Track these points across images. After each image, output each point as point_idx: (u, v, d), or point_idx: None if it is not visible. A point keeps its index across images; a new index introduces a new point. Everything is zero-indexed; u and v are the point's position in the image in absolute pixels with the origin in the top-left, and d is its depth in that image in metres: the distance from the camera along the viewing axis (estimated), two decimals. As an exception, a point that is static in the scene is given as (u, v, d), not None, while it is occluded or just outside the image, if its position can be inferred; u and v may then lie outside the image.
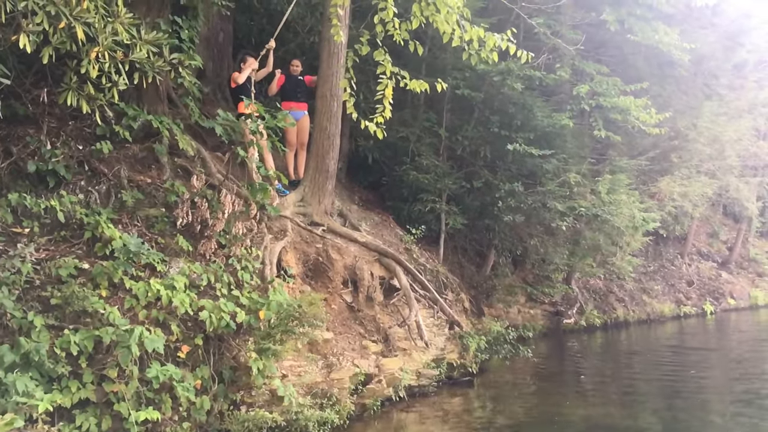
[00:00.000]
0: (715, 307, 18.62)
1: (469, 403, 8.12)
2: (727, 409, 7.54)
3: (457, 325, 9.06)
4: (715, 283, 20.45)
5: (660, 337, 14.31)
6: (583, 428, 6.68)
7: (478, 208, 11.60)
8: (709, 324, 16.90)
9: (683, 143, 14.11)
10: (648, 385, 9.07)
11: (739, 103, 16.64)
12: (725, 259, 22.08)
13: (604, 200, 11.15)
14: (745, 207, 20.27)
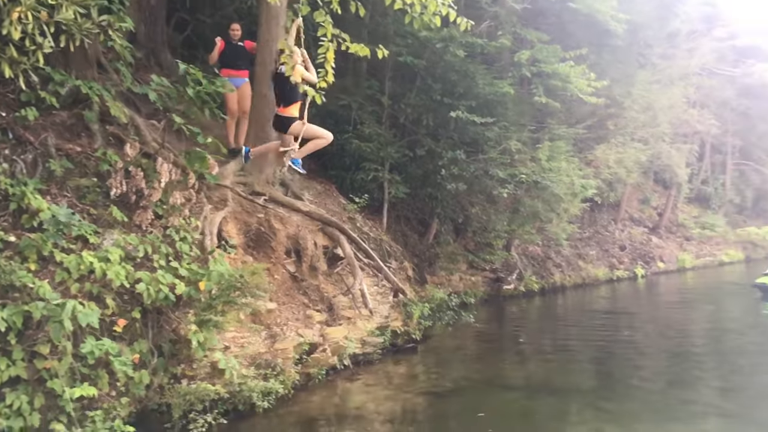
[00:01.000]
0: (646, 270, 19.40)
1: (414, 369, 8.21)
2: (657, 366, 7.88)
3: (401, 293, 9.10)
4: (645, 247, 21.28)
5: (594, 300, 14.82)
6: (523, 389, 6.86)
7: (421, 177, 11.62)
8: (640, 287, 17.60)
9: (619, 111, 14.47)
10: (583, 347, 9.38)
11: (671, 71, 17.17)
12: (655, 224, 22.97)
13: (544, 167, 11.35)
14: (675, 173, 21.11)
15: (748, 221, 27.12)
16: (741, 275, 17.01)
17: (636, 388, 6.80)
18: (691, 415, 5.68)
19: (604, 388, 6.73)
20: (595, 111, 12.72)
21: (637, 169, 17.43)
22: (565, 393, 6.58)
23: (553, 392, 6.64)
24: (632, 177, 17.33)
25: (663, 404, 6.11)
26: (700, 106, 23.10)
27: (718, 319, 11.47)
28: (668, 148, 18.92)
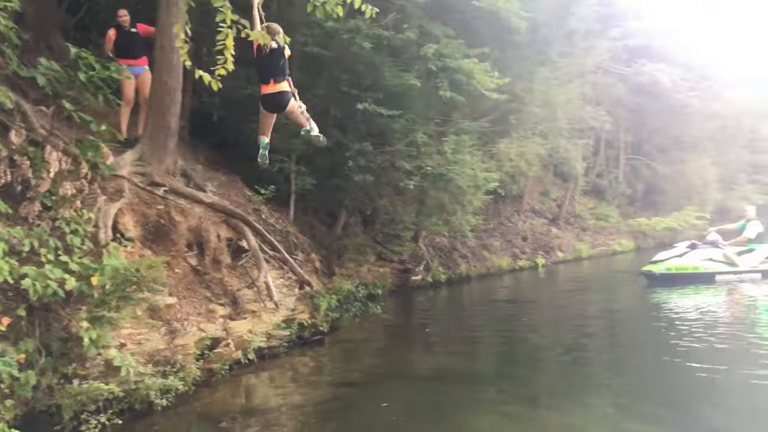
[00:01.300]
0: (546, 260, 20.22)
1: (321, 361, 8.18)
2: (555, 350, 8.24)
3: (307, 285, 9.04)
4: (546, 237, 22.19)
5: (498, 289, 15.30)
6: (430, 378, 6.98)
7: (329, 168, 11.56)
8: (540, 275, 18.34)
9: (520, 106, 14.97)
10: (487, 335, 9.67)
11: (569, 69, 17.94)
12: (555, 215, 24.00)
13: (450, 160, 11.57)
14: (572, 167, 22.13)
15: (638, 212, 28.78)
16: (631, 264, 18.06)
17: (537, 372, 7.07)
18: (590, 394, 5.98)
19: (507, 374, 6.95)
20: (498, 106, 13.10)
21: (538, 162, 18.13)
22: (470, 380, 6.75)
23: (458, 380, 6.79)
24: (533, 170, 18.02)
25: (562, 386, 6.38)
26: (596, 103, 24.28)
27: (609, 306, 12.13)
28: (566, 142, 19.80)
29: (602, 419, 5.15)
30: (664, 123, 28.02)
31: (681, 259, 13.49)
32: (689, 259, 13.42)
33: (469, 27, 12.66)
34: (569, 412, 5.32)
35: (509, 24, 12.45)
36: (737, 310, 10.27)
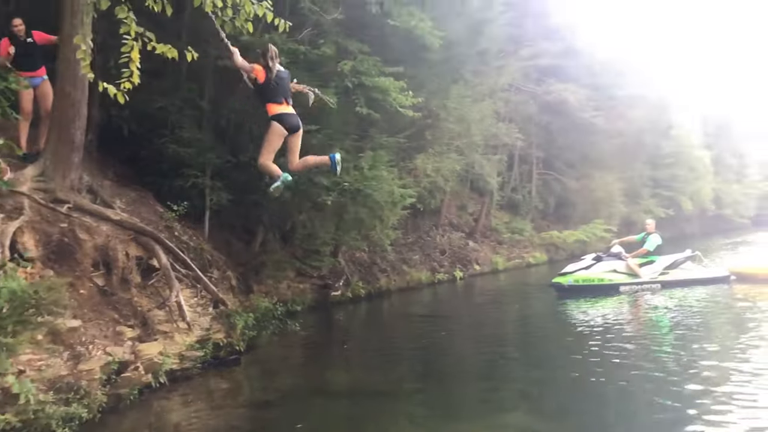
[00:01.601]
0: (464, 273, 20.61)
1: (237, 381, 7.99)
2: (471, 363, 8.39)
3: (222, 304, 8.82)
4: (463, 251, 22.62)
5: (417, 303, 15.46)
6: (348, 394, 6.93)
7: (245, 184, 11.36)
8: (459, 288, 18.67)
9: (436, 122, 15.27)
10: (406, 349, 9.71)
11: (482, 88, 18.50)
12: (472, 229, 24.52)
13: (367, 176, 11.62)
14: (487, 182, 22.74)
15: (551, 226, 29.84)
16: (543, 276, 18.67)
17: (454, 386, 7.15)
18: (505, 406, 6.09)
19: (424, 388, 6.98)
20: (414, 122, 13.30)
21: (454, 177, 18.51)
22: (388, 396, 6.73)
23: (376, 396, 6.75)
24: (450, 185, 18.37)
25: (478, 399, 6.49)
26: (509, 120, 25.12)
27: (522, 318, 12.48)
28: (481, 158, 20.35)
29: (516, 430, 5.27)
30: (573, 140, 29.28)
31: (587, 271, 14.09)
32: (595, 271, 14.04)
33: (386, 44, 12.83)
34: (484, 425, 5.41)
35: (424, 42, 12.69)
36: (639, 319, 10.80)
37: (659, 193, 40.05)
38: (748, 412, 4.90)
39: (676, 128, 42.21)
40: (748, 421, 4.68)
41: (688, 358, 6.93)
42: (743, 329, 8.60)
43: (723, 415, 4.89)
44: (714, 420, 4.78)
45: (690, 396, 5.60)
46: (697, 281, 13.87)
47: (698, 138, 46.50)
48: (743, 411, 4.93)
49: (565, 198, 30.77)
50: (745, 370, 6.25)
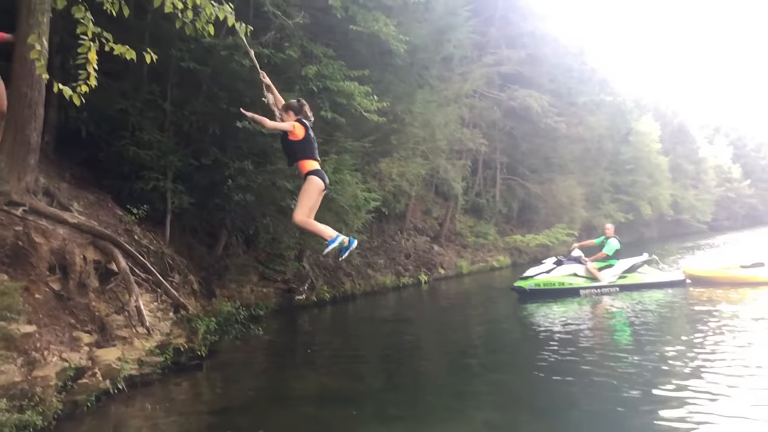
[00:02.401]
0: (429, 276, 20.71)
1: (198, 387, 7.88)
2: (435, 366, 8.43)
3: (183, 308, 8.71)
4: (428, 255, 22.74)
5: (382, 307, 15.46)
6: (311, 399, 6.88)
7: (208, 187, 11.26)
8: (423, 292, 18.74)
9: (401, 127, 15.34)
10: (370, 353, 9.71)
11: (446, 93, 18.67)
12: (437, 233, 24.69)
13: (331, 180, 11.60)
14: (452, 186, 22.93)
15: (514, 230, 30.24)
16: (507, 279, 18.89)
17: (418, 389, 7.16)
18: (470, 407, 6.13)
19: (388, 392, 6.98)
20: (379, 126, 13.35)
21: (419, 182, 18.62)
22: (351, 400, 6.71)
23: (341, 400, 6.73)
24: (415, 189, 18.47)
25: (445, 401, 6.51)
26: (473, 125, 25.40)
27: (485, 321, 12.60)
28: (446, 163, 20.52)
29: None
30: (536, 145, 29.76)
31: (548, 275, 14.30)
32: (556, 275, 14.26)
33: (350, 48, 12.87)
34: (449, 427, 5.45)
35: (389, 47, 12.76)
36: (598, 321, 11.00)
37: (619, 198, 40.95)
38: (703, 408, 5.05)
39: (635, 135, 43.22)
40: (703, 416, 4.82)
41: (646, 359, 7.10)
42: (698, 330, 8.83)
43: (679, 411, 5.03)
44: (670, 416, 4.91)
45: (647, 395, 5.74)
46: (654, 285, 14.20)
47: (656, 144, 47.65)
48: (699, 407, 5.08)
49: (529, 202, 31.21)
50: (701, 369, 6.43)
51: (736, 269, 14.30)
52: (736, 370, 6.25)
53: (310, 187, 6.26)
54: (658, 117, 54.62)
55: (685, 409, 5.11)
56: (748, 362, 6.59)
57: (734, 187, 72.03)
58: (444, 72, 17.37)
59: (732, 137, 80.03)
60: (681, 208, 53.54)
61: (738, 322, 9.22)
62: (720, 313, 10.14)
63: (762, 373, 6.06)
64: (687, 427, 4.69)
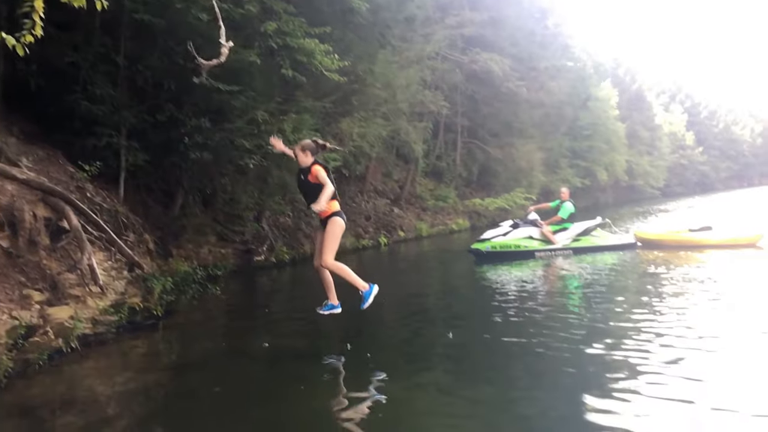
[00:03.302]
0: (389, 239, 20.86)
1: (155, 346, 7.84)
2: (392, 326, 8.53)
3: (138, 267, 8.59)
4: (388, 217, 22.87)
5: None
6: (270, 358, 6.90)
7: (163, 145, 11.01)
8: (383, 254, 18.88)
9: (362, 87, 15.21)
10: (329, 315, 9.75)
11: (408, 54, 18.54)
12: (397, 195, 24.80)
13: (290, 139, 11.48)
14: (413, 149, 22.95)
15: (474, 193, 30.57)
16: (465, 242, 19.14)
17: (377, 349, 7.22)
18: (425, 366, 6.23)
19: (346, 352, 7.02)
20: (340, 86, 13.20)
21: (380, 143, 18.57)
22: (310, 360, 6.76)
23: (298, 359, 6.75)
24: (375, 151, 18.43)
25: (401, 360, 6.59)
26: (435, 87, 25.34)
27: (443, 282, 12.79)
28: (407, 125, 20.48)
29: (430, 391, 5.42)
30: (497, 109, 29.91)
31: (504, 238, 14.54)
32: (512, 238, 14.51)
33: (312, 5, 12.62)
34: (404, 385, 5.54)
35: (351, 5, 12.56)
36: (552, 283, 11.27)
37: (577, 164, 41.68)
38: (651, 368, 5.23)
39: (593, 101, 43.81)
40: (651, 376, 4.99)
41: (597, 319, 7.32)
42: (647, 291, 9.13)
43: (627, 371, 5.21)
44: (618, 376, 5.07)
45: (597, 354, 5.93)
46: (606, 247, 14.58)
47: (614, 111, 48.44)
48: (647, 366, 5.26)
49: (488, 166, 31.50)
50: (648, 328, 6.66)
51: (685, 233, 14.77)
52: (679, 330, 6.49)
53: (336, 229, 6.28)
54: (617, 83, 55.46)
55: (632, 368, 5.30)
56: (691, 322, 6.85)
57: (687, 154, 74.04)
58: (406, 32, 17.22)
59: (687, 105, 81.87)
60: (636, 174, 54.83)
61: (684, 283, 9.56)
62: (667, 275, 10.49)
63: (704, 331, 6.32)
64: (631, 385, 4.87)
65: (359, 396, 5.15)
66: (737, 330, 6.30)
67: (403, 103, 18.65)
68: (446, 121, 28.69)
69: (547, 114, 32.73)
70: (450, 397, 5.10)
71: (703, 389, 4.58)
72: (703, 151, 78.06)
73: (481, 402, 4.88)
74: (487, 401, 4.90)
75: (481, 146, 30.83)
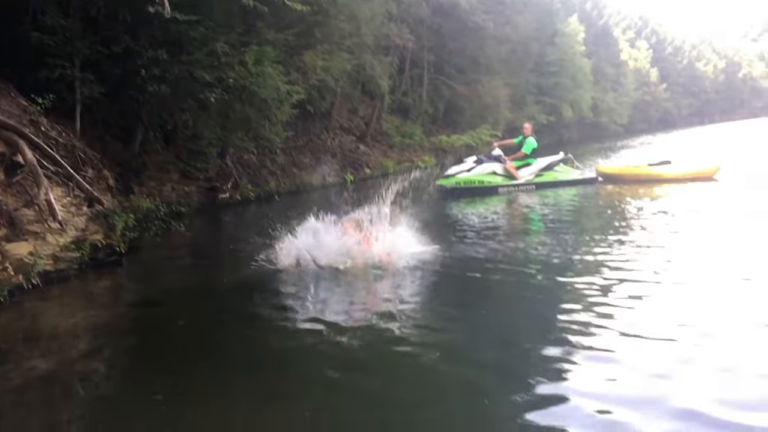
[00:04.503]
0: (355, 176, 20.81)
1: (118, 283, 7.79)
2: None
3: (98, 203, 8.42)
4: (354, 154, 22.76)
5: (306, 205, 15.46)
6: (234, 293, 6.88)
7: (120, 77, 10.65)
8: (349, 191, 18.79)
9: (325, 19, 14.82)
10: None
11: (374, -15, 18.06)
12: (363, 133, 24.60)
13: (252, 72, 11.21)
14: (378, 85, 22.65)
15: (440, 130, 30.49)
16: (430, 178, 19.19)
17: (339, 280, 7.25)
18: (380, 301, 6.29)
19: (309, 286, 7.03)
20: (303, 17, 12.83)
21: (345, 78, 18.27)
22: (273, 293, 6.76)
23: (258, 293, 6.73)
24: (340, 86, 18.14)
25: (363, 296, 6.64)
26: (400, 20, 24.81)
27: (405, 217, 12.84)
28: (372, 59, 20.13)
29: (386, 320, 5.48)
30: (463, 44, 29.56)
31: (468, 174, 14.62)
32: (476, 173, 14.61)
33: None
34: (356, 318, 5.59)
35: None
36: (514, 218, 11.42)
37: (542, 101, 41.78)
38: (612, 299, 5.32)
39: (560, 36, 43.55)
40: (608, 308, 5.09)
41: (557, 253, 7.43)
42: (607, 224, 9.31)
43: (588, 301, 5.31)
44: (580, 307, 5.17)
45: (559, 285, 6.05)
46: (568, 182, 14.77)
47: (581, 46, 48.28)
48: (608, 298, 5.35)
49: (455, 103, 31.34)
50: (609, 260, 6.79)
51: (644, 167, 15.03)
52: (637, 264, 6.62)
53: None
54: (584, 18, 55.09)
55: (594, 298, 5.40)
56: (649, 255, 7.02)
57: (651, 90, 74.64)
58: (371, -38, 16.71)
59: (653, 41, 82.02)
60: (600, 110, 55.23)
61: (642, 216, 9.78)
62: (626, 208, 10.72)
63: (662, 264, 6.49)
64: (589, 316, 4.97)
65: (320, 334, 5.14)
66: (695, 261, 6.47)
67: (367, 36, 18.26)
68: (412, 56, 28.29)
69: (514, 50, 32.48)
70: (409, 328, 5.12)
71: (659, 321, 4.69)
72: (666, 87, 78.74)
73: (439, 333, 4.89)
74: (444, 332, 4.90)
75: (448, 82, 30.57)
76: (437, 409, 3.57)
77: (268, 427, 3.57)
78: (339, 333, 4.99)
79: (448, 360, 4.23)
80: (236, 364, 4.55)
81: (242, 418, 3.58)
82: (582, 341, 4.31)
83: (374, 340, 4.77)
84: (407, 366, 4.25)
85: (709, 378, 3.60)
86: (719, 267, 6.10)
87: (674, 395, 3.40)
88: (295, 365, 4.46)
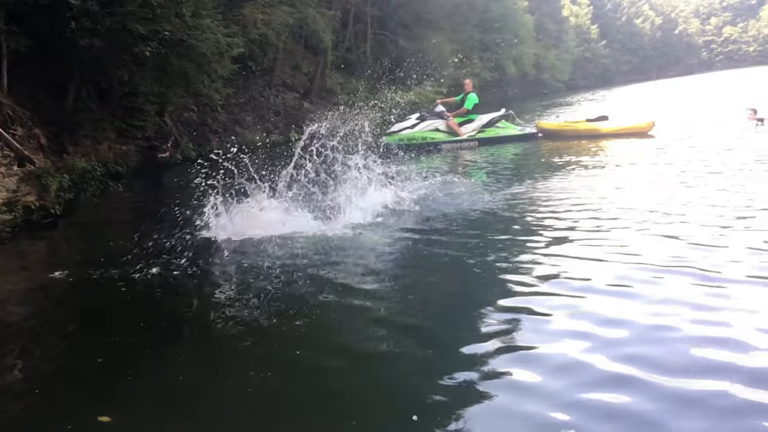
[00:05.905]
0: (300, 134, 20.50)
1: (54, 244, 7.58)
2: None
3: (29, 162, 8.11)
4: (298, 112, 22.40)
5: (252, 164, 15.19)
6: (173, 252, 6.74)
7: (48, 30, 10.13)
8: (293, 150, 18.56)
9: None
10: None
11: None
12: (307, 90, 24.21)
13: (189, 24, 10.82)
14: (321, 40, 22.23)
15: (385, 87, 30.24)
16: (374, 136, 19.10)
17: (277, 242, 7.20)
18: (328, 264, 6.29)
19: (253, 244, 6.95)
20: (241, -31, 12.43)
21: (286, 32, 17.82)
22: (214, 251, 6.65)
23: (201, 252, 6.63)
24: (282, 40, 17.72)
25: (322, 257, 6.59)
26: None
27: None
28: (314, 12, 19.68)
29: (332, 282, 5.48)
30: (407, -1, 29.22)
31: (412, 130, 14.67)
32: (418, 130, 14.66)
33: None
34: (313, 273, 5.59)
35: None
36: (456, 174, 11.52)
37: (486, 57, 41.85)
38: (556, 250, 5.47)
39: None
40: (554, 258, 5.23)
41: (499, 208, 7.55)
42: (547, 177, 9.53)
43: (532, 254, 5.45)
44: (521, 260, 5.31)
45: (497, 238, 6.18)
46: (509, 138, 14.98)
47: (523, 2, 48.39)
48: (553, 249, 5.49)
49: (399, 59, 31.02)
50: (550, 212, 6.97)
51: (583, 123, 15.38)
52: (576, 214, 6.84)
53: None
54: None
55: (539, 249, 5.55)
56: (587, 203, 7.26)
57: (591, 47, 75.74)
58: None
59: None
60: (542, 67, 55.80)
61: (580, 169, 10.06)
62: (565, 162, 10.98)
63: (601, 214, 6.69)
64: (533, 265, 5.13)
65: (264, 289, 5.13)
66: (633, 212, 6.67)
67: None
68: (356, 10, 27.80)
69: (458, 4, 32.34)
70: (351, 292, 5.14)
71: (603, 270, 4.83)
72: (606, 44, 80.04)
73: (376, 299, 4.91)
74: (380, 298, 4.92)
75: (392, 38, 30.25)
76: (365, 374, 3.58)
77: (205, 395, 3.51)
78: (275, 299, 4.94)
79: (382, 324, 4.23)
80: (176, 328, 4.52)
81: (181, 382, 3.57)
82: (520, 302, 4.38)
83: (310, 308, 4.72)
84: (341, 331, 4.25)
85: (641, 333, 3.68)
86: (649, 219, 6.31)
87: (609, 350, 3.46)
88: (229, 331, 4.37)
